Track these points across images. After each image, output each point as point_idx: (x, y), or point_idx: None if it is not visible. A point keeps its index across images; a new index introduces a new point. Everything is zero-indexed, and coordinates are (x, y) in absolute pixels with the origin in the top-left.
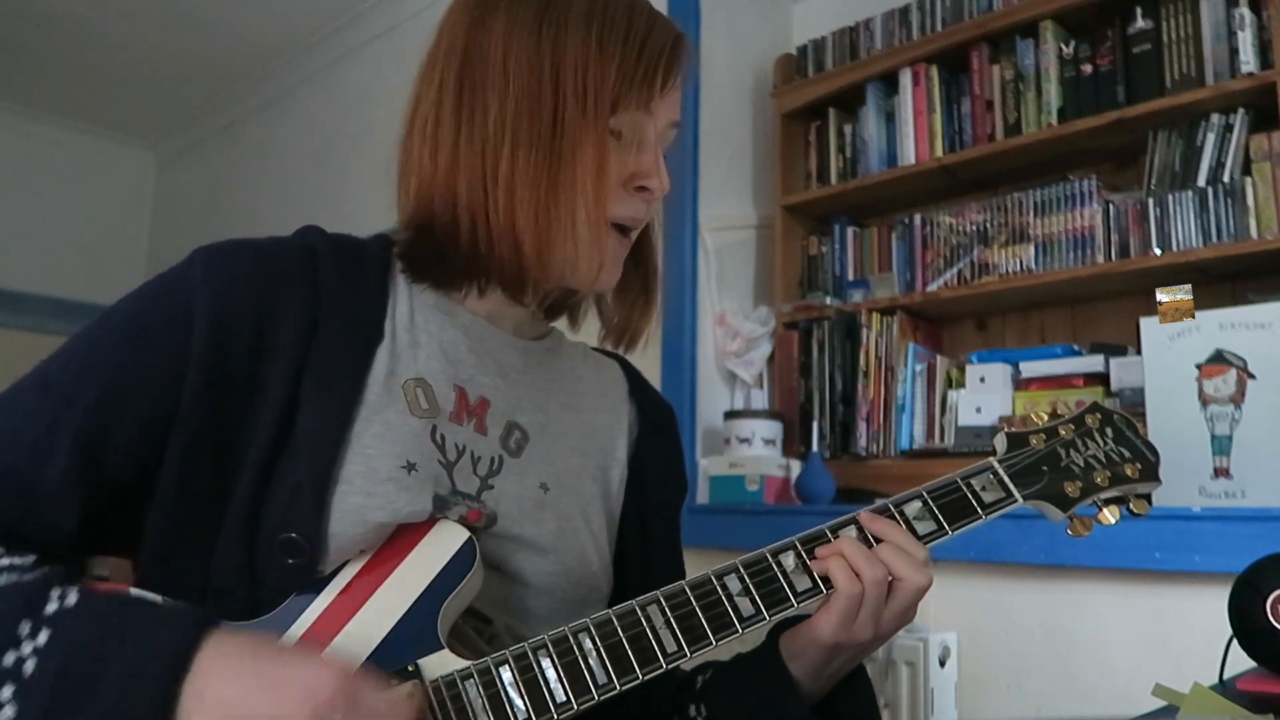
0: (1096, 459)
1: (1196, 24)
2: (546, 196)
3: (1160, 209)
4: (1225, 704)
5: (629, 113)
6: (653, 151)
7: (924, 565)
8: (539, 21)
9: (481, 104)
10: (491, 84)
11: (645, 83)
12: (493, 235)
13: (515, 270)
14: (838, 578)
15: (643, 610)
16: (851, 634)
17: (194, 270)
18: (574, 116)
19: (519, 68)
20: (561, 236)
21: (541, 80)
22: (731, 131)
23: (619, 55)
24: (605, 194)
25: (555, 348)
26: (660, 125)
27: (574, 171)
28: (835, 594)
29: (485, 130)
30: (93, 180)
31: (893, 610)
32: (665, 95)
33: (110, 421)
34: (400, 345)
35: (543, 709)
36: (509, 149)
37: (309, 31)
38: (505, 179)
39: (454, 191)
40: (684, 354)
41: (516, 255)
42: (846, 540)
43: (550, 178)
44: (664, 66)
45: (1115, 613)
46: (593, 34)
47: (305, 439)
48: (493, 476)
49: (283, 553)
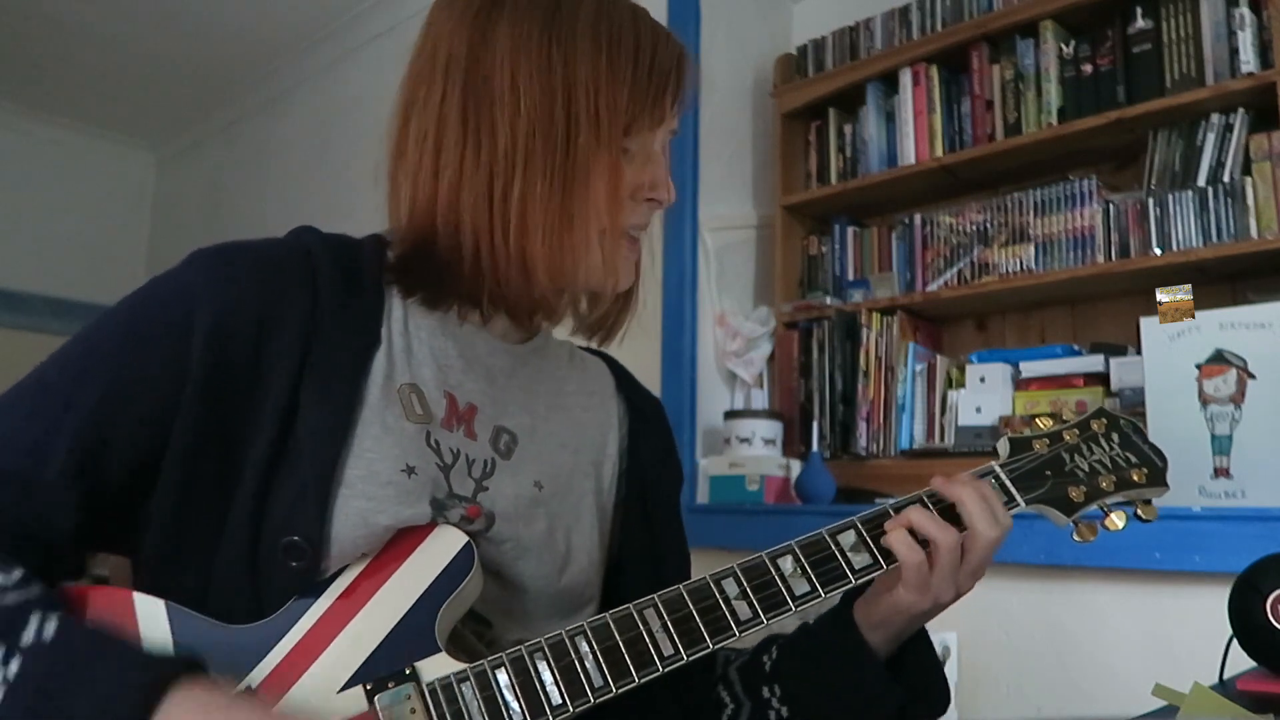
0: (1102, 464)
1: (1196, 24)
2: (561, 220)
3: (1160, 209)
4: (1225, 704)
5: (642, 134)
6: (660, 163)
7: (997, 520)
8: (547, 38)
9: (489, 124)
10: (499, 104)
11: (657, 104)
12: (497, 259)
13: (524, 294)
14: (899, 549)
15: (639, 614)
16: (935, 596)
17: (193, 273)
18: (588, 141)
19: (529, 88)
20: (575, 259)
21: (554, 103)
22: (731, 131)
23: (630, 78)
24: (620, 212)
25: (542, 348)
26: (664, 138)
27: (587, 193)
28: (900, 565)
29: (494, 152)
30: (93, 180)
31: (969, 567)
32: (674, 112)
33: (109, 424)
34: (396, 351)
35: (538, 712)
36: (520, 174)
37: (309, 31)
38: (517, 203)
39: (457, 212)
40: (684, 354)
41: (526, 280)
42: (915, 510)
43: (564, 201)
44: (674, 86)
45: (1115, 613)
46: (603, 53)
47: (306, 442)
48: (487, 478)
49: (285, 555)
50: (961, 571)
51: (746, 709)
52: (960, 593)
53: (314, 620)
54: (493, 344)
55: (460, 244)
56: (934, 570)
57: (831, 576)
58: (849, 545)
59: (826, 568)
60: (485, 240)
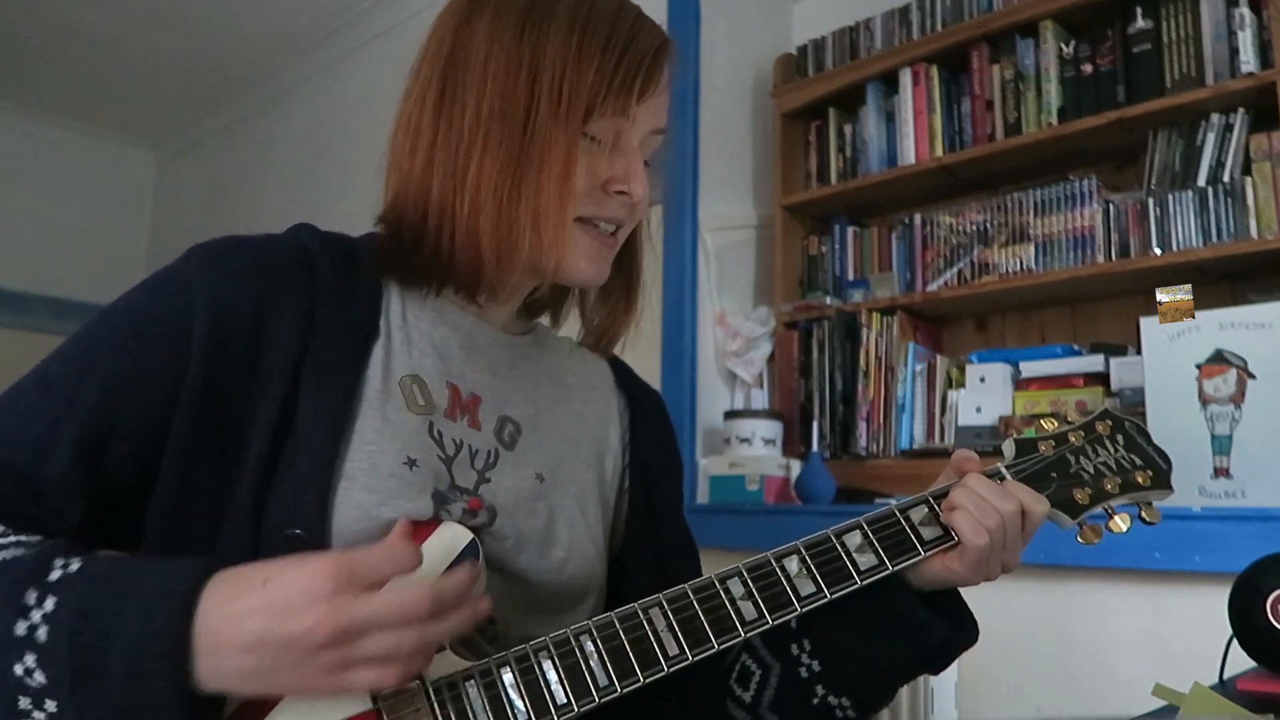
0: (1107, 466)
1: (1196, 24)
2: (509, 199)
3: (1160, 209)
4: (1225, 704)
5: (606, 119)
6: (630, 157)
7: (1042, 497)
8: (522, 23)
9: (460, 103)
10: (470, 84)
11: (623, 89)
12: (455, 238)
13: (471, 272)
14: (962, 528)
15: (644, 613)
16: (988, 572)
17: (191, 268)
18: (546, 119)
19: (497, 68)
20: (520, 241)
21: (518, 82)
22: (731, 131)
23: (598, 60)
24: (568, 201)
25: (542, 341)
26: (642, 132)
27: (539, 174)
28: (961, 546)
29: (460, 130)
30: (93, 180)
31: (1028, 533)
32: (644, 102)
33: (111, 419)
34: (395, 343)
35: (543, 710)
36: (479, 150)
37: (309, 31)
38: (473, 180)
39: (427, 191)
40: (684, 354)
41: (475, 257)
42: (976, 479)
43: (515, 180)
44: (644, 74)
45: (1115, 613)
46: (574, 38)
47: (307, 435)
48: (489, 470)
49: (286, 550)
50: (1016, 545)
51: (776, 670)
52: (1006, 568)
53: None
54: (493, 335)
55: (426, 220)
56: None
57: (837, 577)
58: (855, 546)
59: (833, 568)
60: (448, 218)
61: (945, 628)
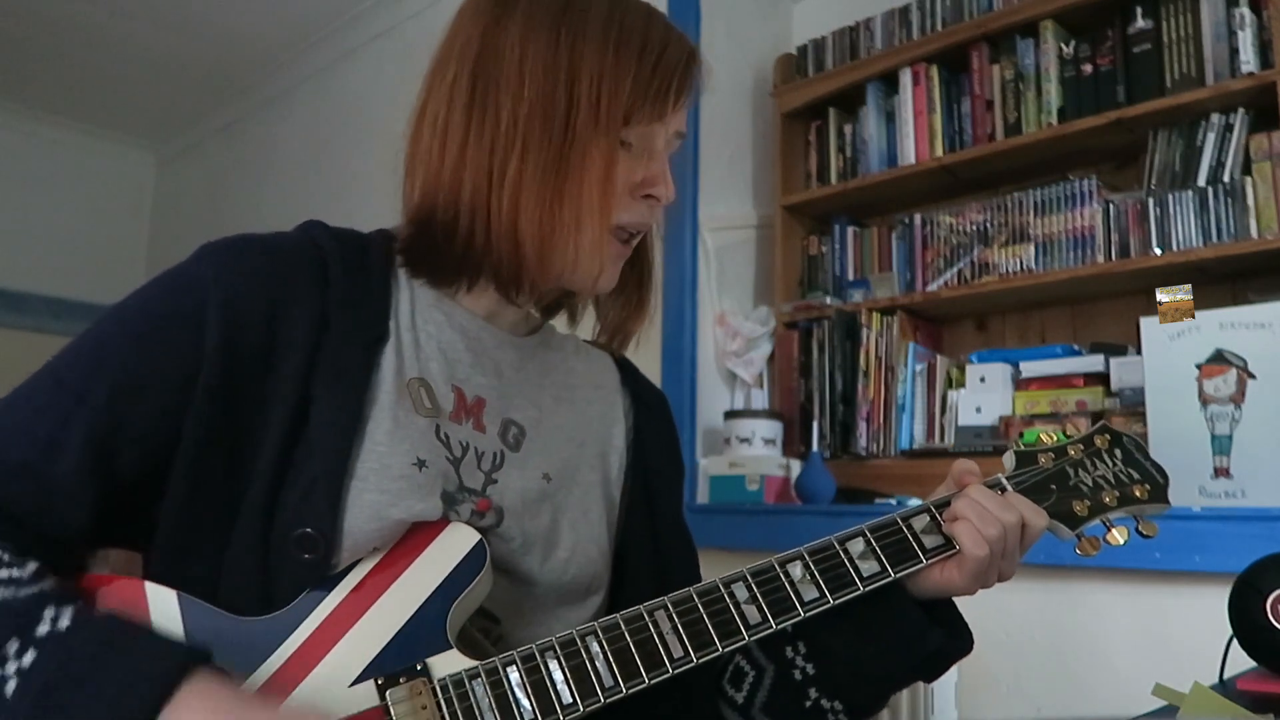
0: (1105, 479)
1: (1196, 24)
2: (552, 202)
3: (1160, 209)
4: (1225, 704)
5: (641, 125)
6: (661, 161)
7: (1042, 510)
8: (557, 25)
9: (494, 104)
10: (505, 85)
11: (659, 97)
12: (492, 234)
13: (513, 270)
14: (964, 538)
15: (650, 615)
16: (985, 581)
17: (203, 265)
18: (586, 125)
19: (534, 71)
20: (563, 242)
21: (556, 86)
22: (731, 131)
23: (634, 68)
24: (610, 203)
25: (547, 341)
26: (668, 135)
27: (580, 179)
28: (961, 555)
29: (496, 130)
30: (93, 180)
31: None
32: (678, 110)
33: (122, 418)
34: (404, 345)
35: (549, 710)
36: (518, 151)
37: (309, 31)
38: (512, 181)
39: (458, 188)
40: (684, 354)
41: (516, 255)
42: (978, 490)
43: (557, 184)
44: (677, 83)
45: (1115, 613)
46: (610, 44)
47: (318, 435)
48: (496, 471)
49: (297, 548)
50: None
51: (770, 672)
52: (1003, 578)
53: (326, 614)
54: (500, 337)
55: (458, 217)
56: (991, 559)
57: (840, 583)
58: (858, 553)
59: (835, 574)
60: (482, 215)
61: (942, 636)
